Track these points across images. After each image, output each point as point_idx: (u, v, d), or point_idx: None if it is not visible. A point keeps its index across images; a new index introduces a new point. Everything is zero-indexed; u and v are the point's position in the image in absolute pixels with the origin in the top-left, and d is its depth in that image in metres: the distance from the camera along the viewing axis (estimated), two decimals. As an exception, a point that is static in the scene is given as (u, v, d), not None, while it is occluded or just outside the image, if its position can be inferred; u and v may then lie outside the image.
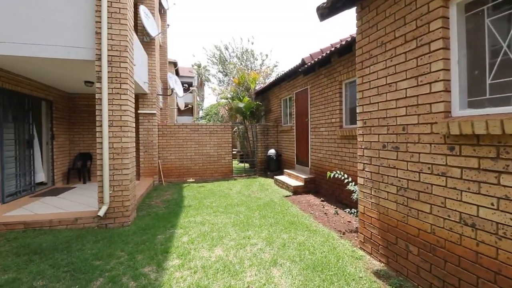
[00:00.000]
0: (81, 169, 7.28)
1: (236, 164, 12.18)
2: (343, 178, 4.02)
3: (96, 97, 4.15)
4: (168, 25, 8.35)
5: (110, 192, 4.22)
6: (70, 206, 4.92)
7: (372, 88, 2.88)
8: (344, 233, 3.76)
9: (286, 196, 6.03)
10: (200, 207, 5.27)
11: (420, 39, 2.24)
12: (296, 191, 6.19)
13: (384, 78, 2.70)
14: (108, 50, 4.13)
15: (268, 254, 3.15)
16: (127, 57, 4.27)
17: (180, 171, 8.30)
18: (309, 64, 5.75)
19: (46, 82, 6.02)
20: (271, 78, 11.48)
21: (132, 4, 4.66)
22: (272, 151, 8.47)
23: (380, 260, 2.85)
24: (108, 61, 4.14)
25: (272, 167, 8.44)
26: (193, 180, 8.30)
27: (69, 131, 7.51)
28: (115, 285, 2.56)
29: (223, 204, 5.49)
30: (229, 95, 11.02)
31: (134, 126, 4.75)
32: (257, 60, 15.52)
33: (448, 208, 2.06)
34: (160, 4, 9.89)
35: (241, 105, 9.18)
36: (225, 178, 8.52)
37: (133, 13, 4.69)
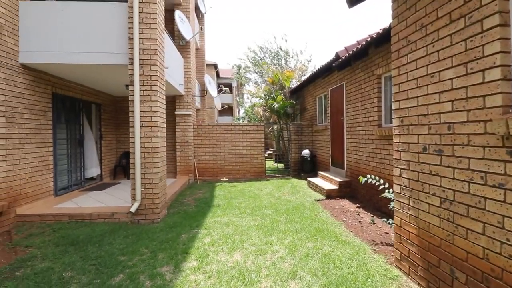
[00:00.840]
0: (126, 166, 7.87)
1: (271, 164, 12.02)
2: (377, 183, 3.57)
3: (129, 99, 4.37)
4: (201, 28, 8.55)
5: (142, 189, 4.42)
6: (111, 200, 5.31)
7: (410, 80, 2.45)
8: (378, 246, 3.32)
9: (318, 200, 5.66)
10: (228, 208, 5.23)
11: (469, 16, 1.80)
12: (329, 195, 5.78)
13: (424, 68, 2.26)
14: (139, 54, 4.32)
15: (289, 264, 2.92)
16: (157, 60, 4.41)
17: (214, 170, 8.44)
18: (343, 58, 5.29)
19: (95, 87, 6.61)
20: (307, 74, 11.01)
21: (163, 7, 4.81)
22: (306, 152, 8.10)
23: (419, 284, 2.41)
24: (139, 64, 4.33)
25: (306, 168, 8.07)
26: (227, 179, 8.37)
27: (116, 131, 8.17)
28: (132, 282, 2.61)
29: (251, 205, 5.38)
30: (262, 95, 10.89)
31: (165, 126, 4.91)
32: (292, 57, 15.09)
33: (508, 230, 1.60)
34: (198, 8, 10.21)
35: (275, 104, 8.98)
36: (257, 178, 8.42)
37: (163, 17, 4.84)
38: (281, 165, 10.26)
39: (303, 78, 10.34)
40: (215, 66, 22.07)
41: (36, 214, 4.35)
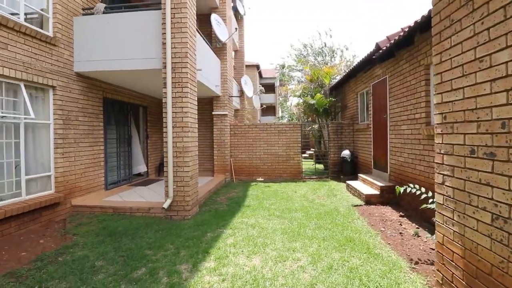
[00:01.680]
0: (168, 164, 8.40)
1: (311, 165, 11.58)
2: (419, 192, 3.06)
3: (163, 101, 4.61)
4: (236, 28, 8.61)
5: (174, 187, 4.62)
6: (151, 196, 5.69)
7: (455, 67, 2.01)
8: (419, 265, 2.85)
9: (356, 206, 5.19)
10: (258, 208, 5.15)
11: (530, -23, 1.36)
12: (368, 200, 5.26)
13: (471, 51, 1.83)
14: (171, 58, 4.52)
15: (308, 275, 2.69)
16: (187, 62, 4.56)
17: (250, 170, 8.46)
18: (384, 48, 4.72)
19: (140, 91, 7.18)
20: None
21: (194, 11, 4.95)
22: (346, 152, 7.54)
23: (465, 316, 1.97)
24: (171, 68, 4.53)
25: (346, 170, 7.51)
26: (262, 179, 8.31)
27: (160, 131, 8.68)
28: (151, 277, 2.70)
29: (281, 207, 5.21)
30: (297, 93, 10.53)
31: (196, 127, 5.05)
32: (336, 54, 14.26)
33: None
34: (236, 10, 10.37)
35: (312, 102, 8.58)
36: (293, 179, 8.16)
37: (194, 21, 4.97)
38: (320, 166, 9.79)
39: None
40: (257, 66, 22.24)
41: (86, 205, 4.89)
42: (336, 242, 3.46)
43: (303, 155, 15.70)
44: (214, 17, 7.15)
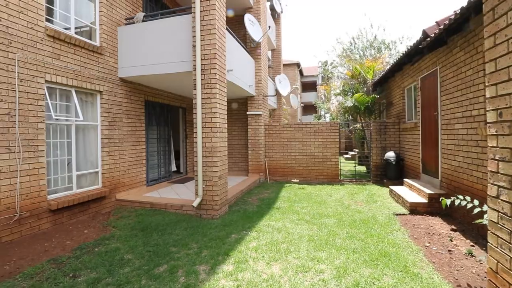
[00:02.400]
0: (206, 163, 8.69)
1: (352, 167, 10.83)
2: (470, 205, 2.54)
3: (193, 102, 4.74)
4: (269, 27, 8.43)
5: (203, 186, 4.72)
6: (186, 193, 5.94)
7: (513, 52, 1.59)
8: (469, 292, 2.38)
9: (398, 215, 4.64)
10: (287, 212, 4.96)
11: None
12: (414, 209, 4.65)
13: (535, 29, 1.41)
14: (201, 60, 4.62)
15: (330, 290, 2.45)
16: (216, 63, 4.60)
17: (284, 170, 8.26)
18: (433, 35, 4.08)
19: (179, 93, 7.55)
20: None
21: (223, 12, 4.97)
22: (390, 154, 6.82)
23: None
24: (201, 69, 4.63)
25: (390, 174, 6.80)
26: (297, 180, 8.04)
27: (199, 132, 9.11)
28: (170, 275, 2.77)
29: (312, 211, 4.93)
30: (338, 90, 9.90)
31: (225, 127, 5.09)
32: (389, 47, 12.99)
33: None
34: (273, 9, 10.23)
35: (351, 103, 7.97)
36: (330, 182, 7.71)
37: (224, 22, 5.00)
38: (362, 169, 9.08)
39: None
40: (298, 65, 21.78)
41: (128, 200, 5.30)
42: (367, 255, 3.10)
43: (346, 156, 14.84)
44: (248, 17, 7.13)
